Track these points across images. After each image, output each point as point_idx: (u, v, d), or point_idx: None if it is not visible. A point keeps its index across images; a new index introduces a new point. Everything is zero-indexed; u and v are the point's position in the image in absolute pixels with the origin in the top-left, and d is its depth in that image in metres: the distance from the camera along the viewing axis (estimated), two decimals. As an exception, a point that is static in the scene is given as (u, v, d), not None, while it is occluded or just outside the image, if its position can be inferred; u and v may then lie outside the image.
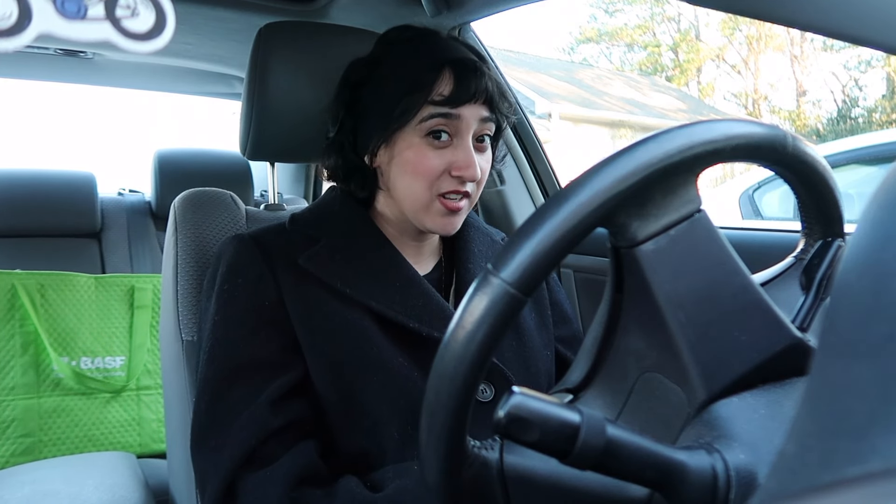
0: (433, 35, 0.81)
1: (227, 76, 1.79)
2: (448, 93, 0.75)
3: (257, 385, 0.72)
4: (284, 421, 0.71)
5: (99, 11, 0.32)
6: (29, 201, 1.67)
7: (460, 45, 0.80)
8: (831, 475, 0.18)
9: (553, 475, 0.45)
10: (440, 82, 0.75)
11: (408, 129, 0.76)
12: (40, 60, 1.61)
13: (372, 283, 0.77)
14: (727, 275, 0.46)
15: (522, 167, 1.41)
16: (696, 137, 0.43)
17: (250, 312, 0.75)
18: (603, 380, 0.51)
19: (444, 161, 0.76)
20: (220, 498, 0.69)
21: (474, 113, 0.76)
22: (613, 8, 19.91)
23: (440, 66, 0.76)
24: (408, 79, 0.75)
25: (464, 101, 0.75)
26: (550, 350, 0.88)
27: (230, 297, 0.76)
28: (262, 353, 0.73)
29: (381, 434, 0.73)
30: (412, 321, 0.75)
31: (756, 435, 0.41)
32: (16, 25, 0.30)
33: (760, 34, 17.21)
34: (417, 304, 0.77)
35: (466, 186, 0.77)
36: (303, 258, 0.77)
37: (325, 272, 0.76)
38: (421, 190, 0.77)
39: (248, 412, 0.70)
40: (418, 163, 0.76)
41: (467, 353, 0.40)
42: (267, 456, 0.70)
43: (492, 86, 0.77)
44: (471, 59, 0.77)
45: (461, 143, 0.76)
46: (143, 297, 1.57)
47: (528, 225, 0.42)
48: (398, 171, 0.78)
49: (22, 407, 1.39)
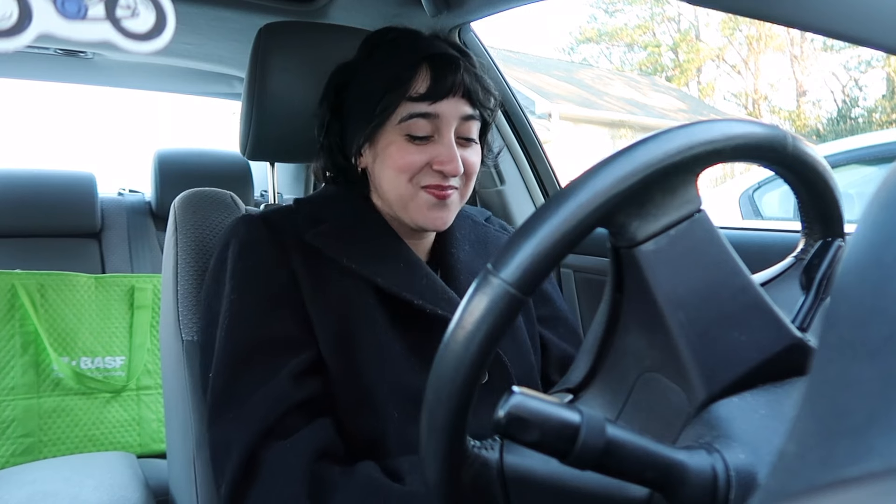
0: (413, 34, 0.81)
1: (227, 76, 1.79)
2: (425, 89, 0.75)
3: (276, 360, 0.72)
4: (304, 395, 0.71)
5: (99, 11, 0.32)
6: (29, 201, 1.67)
7: (440, 42, 0.81)
8: (831, 475, 0.18)
9: (553, 475, 0.45)
10: (417, 79, 0.76)
11: (388, 127, 0.77)
12: (40, 60, 1.61)
13: (377, 263, 0.78)
14: (727, 275, 0.46)
15: (522, 167, 1.41)
16: (696, 137, 0.43)
17: (267, 289, 0.75)
18: (603, 380, 0.51)
19: (426, 156, 0.76)
20: (242, 468, 0.69)
21: (454, 109, 0.76)
22: (613, 8, 19.91)
23: (417, 62, 0.76)
24: (386, 77, 0.76)
25: (441, 96, 0.75)
26: (535, 341, 0.89)
27: (246, 274, 0.76)
28: (281, 330, 0.74)
29: (382, 412, 0.73)
30: (417, 298, 0.76)
31: (756, 435, 0.41)
32: (16, 25, 0.30)
33: (760, 34, 17.20)
34: (422, 284, 0.78)
35: (451, 181, 0.78)
36: (309, 235, 0.78)
37: (331, 249, 0.77)
38: (403, 183, 0.77)
39: (267, 386, 0.71)
40: (399, 157, 0.77)
41: (467, 353, 0.40)
42: (287, 429, 0.70)
43: (470, 79, 0.77)
44: (447, 54, 0.77)
45: (442, 139, 0.77)
46: (143, 297, 1.57)
47: (528, 225, 0.42)
48: (381, 168, 0.79)
49: (22, 407, 1.39)
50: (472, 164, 0.80)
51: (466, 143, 0.80)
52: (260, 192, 1.99)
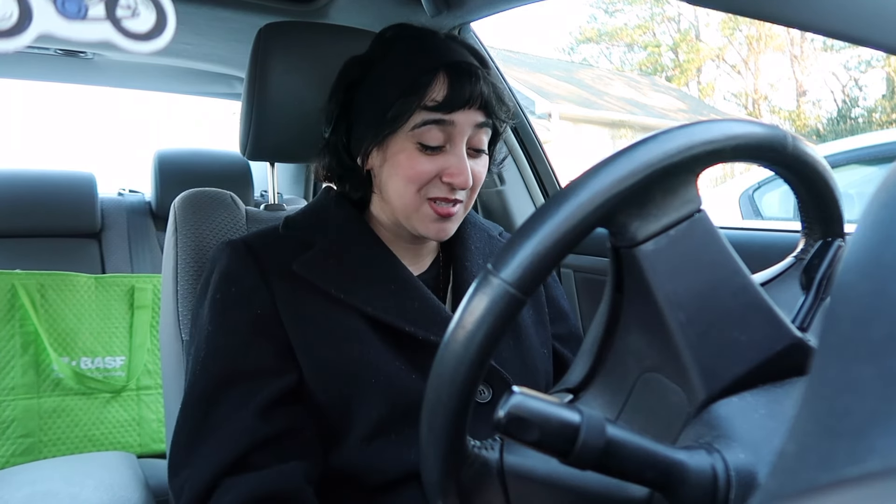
0: (430, 35, 0.78)
1: (227, 76, 1.79)
2: (442, 98, 0.73)
3: (247, 394, 0.71)
4: (275, 429, 0.70)
5: (99, 11, 0.32)
6: (29, 201, 1.67)
7: (458, 47, 0.78)
8: (831, 475, 0.18)
9: (553, 475, 0.45)
10: (434, 87, 0.73)
11: (400, 134, 0.75)
12: (40, 60, 1.61)
13: (366, 288, 0.76)
14: (727, 275, 0.46)
15: (522, 167, 1.41)
16: (696, 137, 0.43)
17: (243, 322, 0.74)
18: (603, 380, 0.51)
19: (436, 166, 0.75)
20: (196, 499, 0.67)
21: (469, 119, 0.74)
22: (613, 8, 19.91)
23: (435, 69, 0.73)
24: (402, 82, 0.73)
25: (458, 107, 0.73)
26: (548, 348, 0.88)
27: (223, 306, 0.75)
28: (254, 363, 0.72)
29: (378, 439, 0.72)
30: (408, 325, 0.74)
31: (756, 435, 0.41)
32: (16, 26, 0.30)
33: (760, 34, 17.21)
34: (413, 308, 0.76)
35: (458, 194, 0.76)
36: (296, 264, 0.76)
37: (319, 278, 0.75)
38: (410, 194, 0.76)
39: (235, 420, 0.69)
40: (409, 167, 0.75)
41: (467, 353, 0.40)
42: (255, 465, 0.68)
43: (488, 90, 0.75)
44: (467, 63, 0.75)
45: (454, 149, 0.75)
46: (143, 297, 1.57)
47: (528, 225, 0.42)
48: (389, 174, 0.77)
49: (22, 407, 1.39)
50: (479, 175, 0.78)
51: (476, 155, 0.78)
52: (260, 192, 1.99)
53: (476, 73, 0.74)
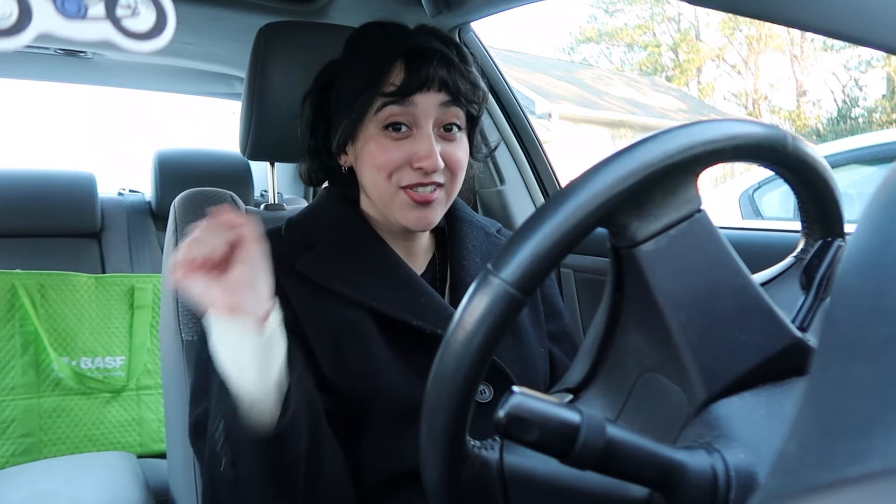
0: (396, 28, 0.80)
1: (227, 76, 1.79)
2: (399, 82, 0.74)
3: None
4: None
5: (99, 11, 0.32)
6: (29, 201, 1.67)
7: (424, 35, 0.79)
8: (831, 475, 0.18)
9: (553, 475, 0.45)
10: (392, 73, 0.74)
11: (367, 123, 0.76)
12: (40, 60, 1.61)
13: (371, 284, 0.76)
14: (727, 275, 0.46)
15: (522, 167, 1.41)
16: (696, 137, 0.43)
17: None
18: (603, 380, 0.51)
19: (404, 152, 0.75)
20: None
21: (430, 101, 0.75)
22: (613, 8, 19.90)
23: (393, 57, 0.75)
24: (363, 74, 0.75)
25: (414, 90, 0.74)
26: (544, 347, 0.88)
27: None
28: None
29: (378, 438, 0.72)
30: (415, 319, 0.74)
31: (756, 435, 0.41)
32: (16, 25, 0.30)
33: (760, 34, 17.20)
34: (419, 303, 0.76)
35: (435, 177, 0.76)
36: (300, 263, 0.76)
37: (322, 276, 0.75)
38: (383, 182, 0.76)
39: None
40: (378, 155, 0.75)
41: (467, 353, 0.40)
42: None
43: (447, 72, 0.75)
44: (424, 48, 0.76)
45: (420, 132, 0.75)
46: (143, 297, 1.57)
47: (528, 225, 0.42)
48: (363, 167, 0.78)
49: (22, 407, 1.39)
50: (456, 159, 0.78)
51: (449, 137, 0.78)
52: (260, 192, 1.99)
53: (434, 56, 0.75)
